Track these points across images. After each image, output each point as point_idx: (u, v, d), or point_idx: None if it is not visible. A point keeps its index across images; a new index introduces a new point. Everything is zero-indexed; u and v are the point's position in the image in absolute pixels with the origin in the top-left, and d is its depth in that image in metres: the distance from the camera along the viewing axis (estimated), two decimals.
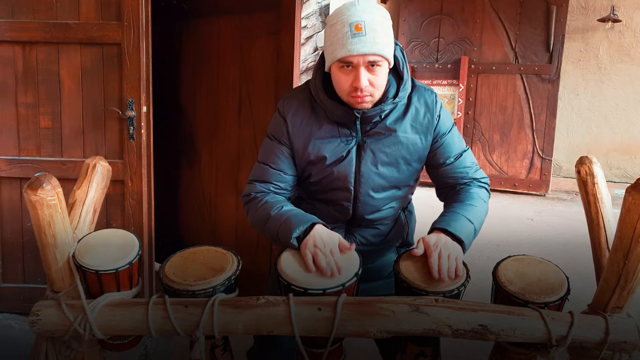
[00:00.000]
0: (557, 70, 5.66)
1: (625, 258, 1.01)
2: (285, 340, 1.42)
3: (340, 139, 1.39)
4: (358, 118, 1.34)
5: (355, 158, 1.39)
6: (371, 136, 1.39)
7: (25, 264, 2.56)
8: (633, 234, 0.99)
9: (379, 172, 1.40)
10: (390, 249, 1.51)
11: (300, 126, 1.41)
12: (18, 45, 2.38)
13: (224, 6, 2.73)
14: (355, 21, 1.25)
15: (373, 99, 1.34)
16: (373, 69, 1.30)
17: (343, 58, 1.28)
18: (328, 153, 1.38)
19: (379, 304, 1.08)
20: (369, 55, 1.27)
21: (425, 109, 1.40)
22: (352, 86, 1.30)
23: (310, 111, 1.41)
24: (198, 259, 1.23)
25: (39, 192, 1.04)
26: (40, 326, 1.11)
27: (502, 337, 1.06)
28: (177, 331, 1.08)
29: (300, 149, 1.41)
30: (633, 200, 0.97)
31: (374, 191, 1.41)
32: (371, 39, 1.25)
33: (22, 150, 2.46)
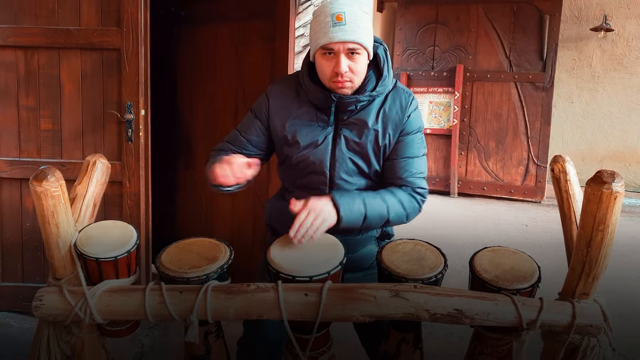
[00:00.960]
0: (550, 79, 5.75)
1: (588, 246, 1.07)
2: (272, 329, 1.50)
3: (317, 124, 1.48)
4: (334, 102, 1.43)
5: (331, 143, 1.48)
6: (346, 125, 1.48)
7: (24, 264, 2.62)
8: (594, 222, 1.06)
9: (351, 157, 1.48)
10: (370, 241, 1.58)
11: (281, 106, 1.52)
12: (20, 50, 2.46)
13: (221, 13, 2.81)
14: (336, 12, 1.37)
15: (353, 85, 1.44)
16: (352, 57, 1.40)
17: (325, 45, 1.38)
18: (303, 135, 1.48)
19: (362, 290, 1.14)
20: (349, 42, 1.37)
21: (398, 107, 1.49)
22: (333, 71, 1.40)
23: (294, 94, 1.53)
24: (193, 249, 1.30)
25: (44, 184, 1.12)
26: (43, 311, 1.18)
27: (476, 320, 1.12)
28: (173, 315, 1.14)
29: (278, 126, 1.51)
30: (592, 192, 1.04)
31: (347, 175, 1.49)
32: (351, 28, 1.37)
33: (23, 152, 2.52)
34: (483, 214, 5.37)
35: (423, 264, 1.23)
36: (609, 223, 1.06)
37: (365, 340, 1.61)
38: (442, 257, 1.27)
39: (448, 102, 6.18)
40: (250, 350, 1.56)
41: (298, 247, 1.28)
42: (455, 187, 6.13)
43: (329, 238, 1.34)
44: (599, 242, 1.06)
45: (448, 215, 5.28)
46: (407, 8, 6.28)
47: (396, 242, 1.34)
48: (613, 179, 1.04)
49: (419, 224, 4.71)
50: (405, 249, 1.29)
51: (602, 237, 1.06)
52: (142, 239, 2.52)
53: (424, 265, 1.22)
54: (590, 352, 1.16)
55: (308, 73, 1.49)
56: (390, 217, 1.43)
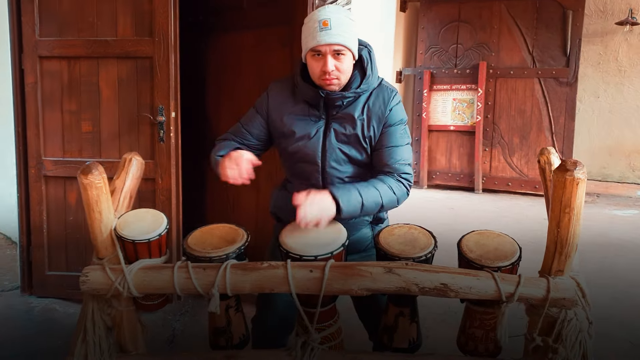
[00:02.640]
0: (574, 74, 5.77)
1: (558, 227, 1.21)
2: (281, 307, 1.70)
3: (310, 119, 1.68)
4: (322, 97, 1.63)
5: (322, 135, 1.67)
6: (336, 119, 1.67)
7: (68, 254, 2.86)
8: (560, 205, 1.19)
9: (341, 147, 1.67)
10: (364, 224, 1.75)
11: (279, 102, 1.73)
12: (64, 60, 2.71)
13: (244, 21, 3.00)
14: (323, 18, 1.56)
15: (339, 82, 1.63)
16: (338, 57, 1.58)
17: (314, 47, 1.57)
18: (298, 128, 1.68)
19: (359, 267, 1.31)
20: (334, 45, 1.56)
21: (381, 101, 1.67)
22: (321, 70, 1.58)
23: (290, 93, 1.73)
24: (215, 233, 1.49)
25: (89, 177, 1.32)
26: (89, 285, 1.38)
27: (460, 294, 1.27)
28: (197, 289, 1.33)
29: (276, 120, 1.72)
30: (558, 179, 1.18)
31: (337, 163, 1.68)
32: (336, 32, 1.55)
33: (66, 152, 2.77)
34: (507, 210, 5.44)
35: (415, 245, 1.39)
36: (573, 206, 1.19)
37: (363, 315, 1.81)
38: (433, 239, 1.42)
39: (471, 99, 6.25)
40: (262, 325, 1.75)
41: (306, 231, 1.45)
42: (479, 183, 6.20)
43: (334, 223, 1.51)
44: (567, 223, 1.20)
45: (471, 211, 5.36)
46: (429, 7, 6.38)
47: (392, 226, 1.50)
48: (575, 167, 1.17)
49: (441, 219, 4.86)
50: (400, 232, 1.45)
51: (568, 218, 1.19)
52: (174, 232, 2.73)
53: (416, 246, 1.38)
54: (568, 324, 1.29)
55: (301, 73, 1.69)
56: (384, 203, 1.58)
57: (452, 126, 6.40)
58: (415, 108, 6.53)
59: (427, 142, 6.46)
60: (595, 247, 4.00)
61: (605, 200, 5.88)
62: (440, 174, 6.48)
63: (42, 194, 2.79)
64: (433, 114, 6.46)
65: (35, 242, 2.84)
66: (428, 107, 6.41)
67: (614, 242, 4.22)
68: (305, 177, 1.71)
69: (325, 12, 1.57)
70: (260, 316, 1.77)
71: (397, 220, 1.68)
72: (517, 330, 1.46)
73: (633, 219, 5.06)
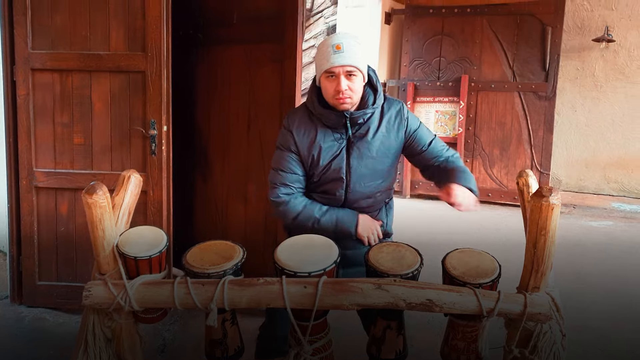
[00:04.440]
0: (553, 88, 5.95)
1: (534, 247, 1.31)
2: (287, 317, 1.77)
3: (334, 141, 1.80)
4: (348, 118, 1.75)
5: (345, 154, 1.79)
6: (357, 137, 1.80)
7: (58, 265, 2.89)
8: (537, 228, 1.29)
9: (365, 163, 1.80)
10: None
11: (303, 135, 1.82)
12: (57, 72, 2.75)
13: (235, 36, 3.08)
14: (336, 43, 1.71)
15: (352, 101, 1.75)
16: (350, 78, 1.72)
17: (328, 69, 1.71)
18: (326, 152, 1.79)
19: (350, 283, 1.40)
20: (347, 66, 1.70)
21: (395, 114, 1.83)
22: (335, 90, 1.72)
23: (309, 122, 1.83)
24: (212, 250, 1.57)
25: (94, 196, 1.39)
26: (91, 300, 1.44)
27: (444, 309, 1.36)
28: (196, 304, 1.40)
29: (305, 152, 1.82)
30: (535, 204, 1.28)
31: (361, 178, 1.81)
32: (348, 55, 1.70)
33: (58, 164, 2.81)
34: (487, 220, 5.57)
35: (402, 263, 1.48)
36: (549, 229, 1.29)
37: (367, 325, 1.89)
38: (419, 257, 1.52)
39: (453, 111, 6.40)
40: (270, 335, 1.84)
41: (300, 249, 1.53)
42: None
43: (326, 241, 1.60)
44: (543, 244, 1.30)
45: (452, 221, 5.48)
46: (413, 20, 6.52)
47: (382, 244, 1.59)
48: (550, 193, 1.27)
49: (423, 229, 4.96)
50: (389, 250, 1.54)
51: (544, 240, 1.29)
52: None
53: (403, 264, 1.47)
54: (543, 337, 1.39)
55: (318, 101, 1.79)
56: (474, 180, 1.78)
57: None
58: None
59: None
60: (571, 258, 4.15)
61: (581, 212, 6.06)
62: (422, 184, 6.60)
63: (33, 204, 2.82)
64: None
65: (26, 252, 2.86)
66: None
67: (589, 252, 4.37)
68: (330, 192, 1.82)
69: (337, 38, 1.72)
70: (268, 327, 1.87)
71: None
72: (497, 342, 1.55)
73: (608, 230, 5.24)
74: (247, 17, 3.05)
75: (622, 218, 5.77)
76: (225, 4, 3.10)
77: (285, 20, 2.81)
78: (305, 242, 1.61)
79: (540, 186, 1.29)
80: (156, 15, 2.62)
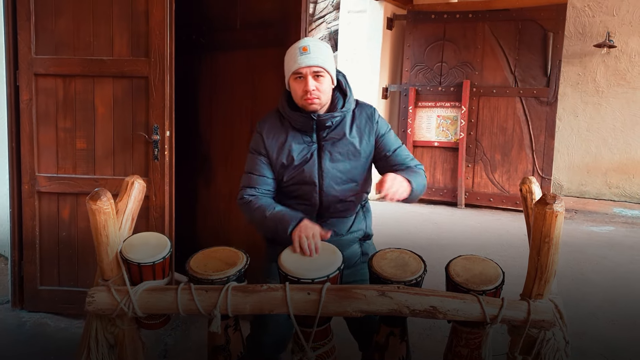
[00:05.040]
0: (554, 94, 5.96)
1: (538, 255, 1.31)
2: (275, 327, 1.79)
3: (304, 145, 1.82)
4: (314, 120, 1.77)
5: (317, 158, 1.81)
6: (327, 140, 1.82)
7: (60, 269, 2.89)
8: (541, 235, 1.29)
9: (336, 166, 1.81)
10: (354, 242, 1.88)
11: (273, 138, 1.85)
12: (60, 78, 2.75)
13: (238, 41, 3.09)
14: (302, 45, 1.77)
15: (320, 102, 1.78)
16: (318, 79, 1.75)
17: (295, 70, 1.75)
18: (295, 155, 1.81)
19: (354, 290, 1.39)
20: (313, 67, 1.74)
21: (366, 118, 1.85)
22: (303, 90, 1.75)
23: (280, 126, 1.86)
24: (216, 256, 1.57)
25: (98, 203, 1.39)
26: (95, 306, 1.44)
27: (448, 316, 1.36)
28: (200, 310, 1.40)
29: (274, 155, 1.84)
30: (538, 211, 1.28)
31: (333, 182, 1.81)
32: (314, 56, 1.74)
33: (60, 169, 2.81)
34: (488, 225, 5.57)
35: (406, 269, 1.48)
36: (552, 236, 1.29)
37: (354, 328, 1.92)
38: (423, 263, 1.52)
39: (455, 116, 6.41)
40: (258, 344, 1.83)
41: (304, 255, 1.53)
42: (462, 199, 6.34)
43: (330, 247, 1.60)
44: (546, 251, 1.30)
45: (454, 226, 5.49)
46: (415, 26, 6.54)
47: (385, 251, 1.59)
48: (554, 200, 1.27)
49: (425, 234, 4.96)
50: (392, 256, 1.54)
51: (548, 247, 1.29)
52: None
53: (407, 270, 1.47)
54: (546, 344, 1.39)
55: (288, 104, 1.83)
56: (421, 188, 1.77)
57: (436, 142, 6.54)
58: (400, 124, 6.67)
59: None
60: (573, 263, 4.14)
61: (583, 217, 6.06)
62: None
63: (35, 209, 2.82)
64: (418, 130, 6.60)
65: (27, 257, 2.86)
66: (413, 124, 6.56)
67: (590, 258, 4.36)
68: (304, 198, 1.83)
69: (304, 40, 1.78)
70: (255, 336, 1.85)
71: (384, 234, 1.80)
72: (500, 349, 1.55)
73: (609, 235, 5.23)
74: (250, 22, 3.06)
75: (623, 223, 5.77)
76: (228, 9, 3.11)
77: (288, 26, 2.82)
78: None
79: (544, 193, 1.29)
80: (160, 21, 2.62)
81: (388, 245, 1.79)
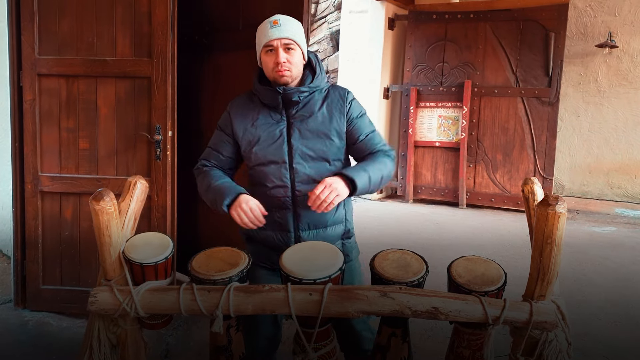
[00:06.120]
0: (556, 94, 5.96)
1: (540, 256, 1.31)
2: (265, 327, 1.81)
3: (272, 122, 1.82)
4: (280, 94, 1.76)
5: (286, 135, 1.81)
6: (296, 118, 1.81)
7: (62, 269, 2.90)
8: (543, 236, 1.29)
9: (305, 143, 1.80)
10: (336, 240, 1.87)
11: (241, 116, 1.87)
12: (63, 78, 2.76)
13: (241, 42, 3.09)
14: (273, 19, 1.79)
15: (291, 74, 1.78)
16: (288, 51, 1.77)
17: (266, 43, 1.76)
18: (263, 133, 1.82)
19: (356, 291, 1.40)
20: (284, 39, 1.75)
21: (338, 97, 1.85)
22: (274, 63, 1.76)
23: (250, 104, 1.88)
24: (218, 256, 1.57)
25: (101, 203, 1.39)
26: (97, 306, 1.44)
27: (450, 317, 1.36)
28: (202, 310, 1.41)
29: (241, 131, 1.85)
30: (541, 212, 1.28)
31: (303, 160, 1.80)
32: (285, 29, 1.76)
33: (63, 169, 2.82)
34: (490, 225, 5.57)
35: (408, 270, 1.48)
36: (555, 237, 1.29)
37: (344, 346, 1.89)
38: (425, 264, 1.52)
39: (456, 116, 6.41)
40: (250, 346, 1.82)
41: (305, 255, 1.54)
42: (463, 199, 6.34)
43: (332, 248, 1.60)
44: (549, 252, 1.30)
45: (456, 226, 5.49)
46: (417, 26, 6.54)
47: (387, 251, 1.59)
48: (557, 202, 1.28)
49: (427, 234, 4.96)
50: (394, 257, 1.54)
51: (550, 248, 1.30)
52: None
53: (409, 271, 1.47)
54: (548, 345, 1.39)
55: (258, 79, 1.85)
56: (384, 175, 1.76)
57: (437, 142, 6.54)
58: (401, 124, 6.67)
59: (413, 158, 6.59)
60: (575, 264, 4.14)
61: (585, 217, 6.06)
62: (425, 189, 6.61)
63: (37, 209, 2.83)
64: (419, 130, 6.60)
65: (30, 256, 2.87)
66: (414, 124, 6.56)
67: (592, 258, 4.36)
68: (275, 178, 1.82)
69: (275, 15, 1.80)
70: (247, 339, 1.84)
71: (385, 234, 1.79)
72: (502, 350, 1.55)
73: (611, 236, 5.23)
74: (253, 23, 3.02)
75: (625, 224, 5.76)
76: (230, 10, 3.11)
77: None
78: (310, 248, 1.61)
79: (547, 194, 1.29)
80: (162, 21, 2.63)
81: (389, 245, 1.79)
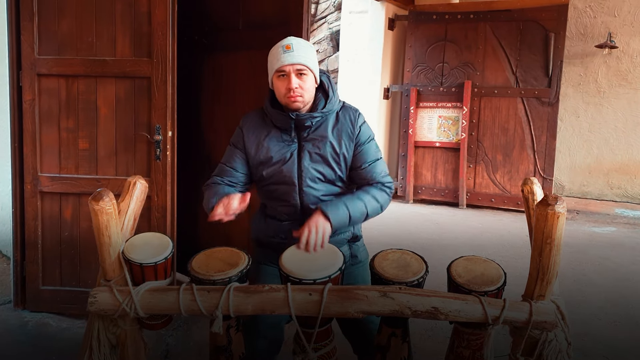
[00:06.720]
0: (556, 94, 5.96)
1: (540, 256, 1.31)
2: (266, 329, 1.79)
3: (284, 143, 1.83)
4: (293, 120, 1.77)
5: (297, 157, 1.81)
6: (308, 141, 1.82)
7: (62, 269, 2.90)
8: (542, 236, 1.29)
9: (315, 167, 1.81)
10: (342, 243, 1.87)
11: (253, 134, 1.87)
12: (62, 78, 2.76)
13: (241, 42, 3.10)
14: (286, 43, 1.77)
15: (304, 100, 1.78)
16: (301, 77, 1.75)
17: (278, 68, 1.75)
18: (274, 154, 1.82)
19: (356, 291, 1.40)
20: (296, 64, 1.74)
21: (349, 121, 1.83)
22: (286, 88, 1.75)
23: (261, 123, 1.88)
24: (217, 256, 1.57)
25: (100, 203, 1.39)
26: (97, 306, 1.44)
27: (450, 317, 1.36)
28: (201, 310, 1.40)
29: (253, 150, 1.86)
30: (540, 212, 1.28)
31: (312, 182, 1.81)
32: (297, 54, 1.74)
33: (63, 169, 2.81)
34: (490, 225, 5.57)
35: (407, 270, 1.48)
36: (554, 237, 1.29)
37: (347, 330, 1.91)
38: (425, 264, 1.52)
39: (456, 116, 6.41)
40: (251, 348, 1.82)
41: (305, 256, 1.54)
42: (464, 199, 6.34)
43: (331, 248, 1.60)
44: (548, 252, 1.30)
45: (456, 226, 5.49)
46: (417, 26, 6.54)
47: (387, 251, 1.59)
48: (556, 202, 1.28)
49: (427, 234, 4.96)
50: (394, 257, 1.54)
51: (550, 248, 1.30)
52: None
53: (408, 271, 1.47)
54: (548, 345, 1.39)
55: (270, 102, 1.84)
56: (369, 212, 1.75)
57: (437, 143, 6.54)
58: (402, 124, 6.67)
59: (413, 158, 6.59)
60: (574, 264, 4.14)
61: (585, 217, 6.06)
62: (425, 189, 6.61)
63: (37, 209, 2.83)
64: (419, 131, 6.60)
65: (30, 257, 2.87)
66: (414, 124, 6.56)
67: (592, 259, 4.36)
68: (284, 198, 1.83)
69: (288, 39, 1.77)
70: (248, 340, 1.84)
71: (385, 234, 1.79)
72: (502, 350, 1.55)
73: (611, 236, 5.23)
74: (252, 23, 3.06)
75: (625, 224, 5.76)
76: (230, 10, 3.11)
77: (290, 27, 2.83)
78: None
79: (546, 194, 1.29)
80: (162, 21, 2.63)
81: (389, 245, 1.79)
